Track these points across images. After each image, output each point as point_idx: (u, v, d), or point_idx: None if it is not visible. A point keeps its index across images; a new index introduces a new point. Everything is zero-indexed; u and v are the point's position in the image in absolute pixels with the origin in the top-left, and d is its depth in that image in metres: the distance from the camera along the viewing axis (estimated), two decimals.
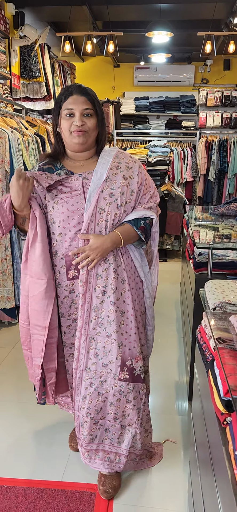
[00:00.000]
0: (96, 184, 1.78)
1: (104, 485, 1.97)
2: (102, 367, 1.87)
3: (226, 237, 3.04)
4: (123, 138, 7.70)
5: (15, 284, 3.74)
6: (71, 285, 1.85)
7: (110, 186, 1.79)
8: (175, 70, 8.08)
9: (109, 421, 1.92)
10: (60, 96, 1.82)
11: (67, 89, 1.81)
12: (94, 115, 1.80)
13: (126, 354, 1.86)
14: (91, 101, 1.79)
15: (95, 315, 1.83)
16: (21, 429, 2.44)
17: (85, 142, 1.81)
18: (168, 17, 5.80)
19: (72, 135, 1.79)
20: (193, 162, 7.22)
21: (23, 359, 3.21)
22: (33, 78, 5.53)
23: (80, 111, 1.76)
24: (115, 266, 1.82)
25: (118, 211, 1.79)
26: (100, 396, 1.89)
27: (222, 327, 1.34)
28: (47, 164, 1.88)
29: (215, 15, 5.69)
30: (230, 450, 1.02)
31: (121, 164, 1.85)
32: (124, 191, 1.80)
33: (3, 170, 3.56)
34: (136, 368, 1.88)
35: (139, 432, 1.96)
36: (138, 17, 6.26)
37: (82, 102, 1.77)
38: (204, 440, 1.41)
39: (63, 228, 1.79)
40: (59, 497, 1.96)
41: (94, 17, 6.10)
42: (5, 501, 1.94)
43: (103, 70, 8.26)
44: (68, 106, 1.77)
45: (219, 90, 7.61)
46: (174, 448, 2.28)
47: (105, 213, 1.77)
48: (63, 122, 1.80)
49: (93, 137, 1.84)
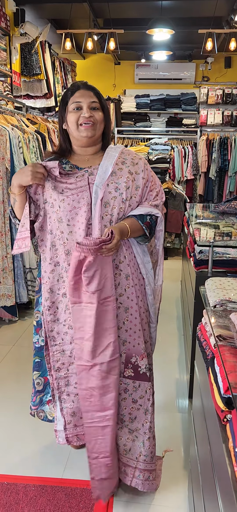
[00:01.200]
0: (102, 178, 1.79)
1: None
2: None
3: (226, 235, 3.04)
4: (124, 136, 7.69)
5: (15, 282, 3.74)
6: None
7: (116, 180, 1.79)
8: (176, 68, 8.06)
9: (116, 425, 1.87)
10: (66, 92, 1.85)
11: (73, 85, 1.86)
12: (100, 109, 1.83)
13: (131, 351, 1.84)
14: (97, 96, 1.83)
15: None
16: (22, 426, 2.44)
17: (93, 135, 1.82)
18: (169, 14, 5.78)
19: (80, 128, 1.80)
20: (194, 160, 7.21)
21: (23, 357, 3.22)
22: (34, 76, 5.53)
23: (87, 104, 1.80)
24: (118, 262, 1.81)
25: (123, 205, 1.78)
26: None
27: (222, 325, 1.34)
28: (52, 161, 1.87)
29: (216, 13, 5.68)
30: (230, 447, 1.02)
31: (126, 160, 1.85)
32: (130, 186, 1.80)
33: (4, 168, 3.55)
34: (141, 366, 1.86)
35: (147, 438, 1.89)
36: (139, 14, 6.25)
37: (89, 96, 1.81)
38: (204, 437, 1.41)
39: (73, 226, 1.78)
40: (59, 494, 1.97)
41: (95, 14, 6.09)
42: (6, 498, 1.94)
43: (104, 67, 8.25)
44: (75, 100, 1.80)
45: (220, 87, 7.59)
46: (174, 445, 2.28)
47: (110, 207, 1.77)
48: (70, 116, 1.81)
49: (100, 131, 1.85)
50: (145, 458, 1.90)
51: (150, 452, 1.91)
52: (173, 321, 3.89)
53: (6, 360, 3.17)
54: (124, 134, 7.74)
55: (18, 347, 3.36)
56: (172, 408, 2.64)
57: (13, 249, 1.87)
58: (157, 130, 7.83)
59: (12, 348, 3.34)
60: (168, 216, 5.79)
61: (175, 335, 3.62)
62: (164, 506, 1.93)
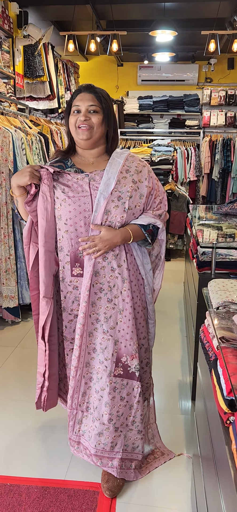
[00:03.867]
0: (106, 185, 1.80)
1: (107, 483, 1.98)
2: (99, 364, 1.90)
3: (229, 236, 3.04)
4: (127, 137, 7.70)
5: (18, 283, 3.75)
6: (75, 281, 1.88)
7: (119, 189, 1.81)
8: (179, 69, 8.07)
9: (103, 424, 1.93)
10: (71, 96, 1.89)
11: (78, 88, 1.88)
12: (100, 111, 1.82)
13: (122, 351, 1.89)
14: (98, 99, 1.83)
15: (93, 310, 1.86)
16: (25, 428, 2.45)
17: (90, 137, 1.82)
18: (172, 16, 5.79)
19: (78, 130, 1.82)
20: (197, 161, 7.21)
21: (26, 358, 3.22)
22: (37, 78, 5.54)
23: (85, 107, 1.81)
24: (115, 265, 1.85)
25: (125, 214, 1.82)
26: (97, 394, 1.92)
27: (225, 327, 1.34)
28: (57, 162, 1.91)
29: (219, 14, 5.68)
30: (233, 449, 1.02)
31: (130, 168, 1.86)
32: (133, 195, 1.83)
33: (7, 169, 3.56)
34: (131, 365, 1.91)
35: (129, 429, 1.98)
36: (142, 16, 6.25)
37: (88, 99, 1.82)
38: (207, 439, 1.40)
39: (69, 226, 1.82)
40: (62, 496, 1.96)
41: (97, 16, 6.10)
42: (8, 499, 1.94)
43: (106, 69, 8.26)
44: (75, 103, 1.83)
45: (223, 89, 7.60)
46: (177, 447, 2.28)
47: (111, 215, 1.80)
48: (70, 119, 1.85)
49: (99, 134, 1.85)
50: (126, 447, 2.00)
51: (132, 443, 2.00)
52: (176, 322, 3.89)
53: (9, 361, 3.18)
54: (127, 136, 7.75)
55: (21, 349, 3.37)
56: (175, 410, 2.63)
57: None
58: (160, 131, 7.84)
59: (15, 350, 3.35)
60: (171, 218, 5.79)
61: (178, 336, 3.62)
62: (167, 508, 1.92)
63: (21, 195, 1.84)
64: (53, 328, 1.96)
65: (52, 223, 1.85)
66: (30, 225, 1.89)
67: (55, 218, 1.85)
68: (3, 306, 3.68)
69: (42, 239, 1.84)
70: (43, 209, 1.82)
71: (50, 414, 2.50)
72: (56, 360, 2.02)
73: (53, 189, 1.83)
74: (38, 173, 1.82)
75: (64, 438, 2.34)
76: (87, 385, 1.95)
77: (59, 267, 1.90)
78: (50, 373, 2.00)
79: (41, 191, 1.82)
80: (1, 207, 3.57)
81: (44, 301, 1.89)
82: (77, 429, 2.02)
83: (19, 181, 1.80)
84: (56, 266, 1.90)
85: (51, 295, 1.90)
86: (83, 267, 1.85)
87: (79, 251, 1.83)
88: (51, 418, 2.51)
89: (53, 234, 1.86)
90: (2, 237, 3.59)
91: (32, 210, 1.84)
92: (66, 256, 1.87)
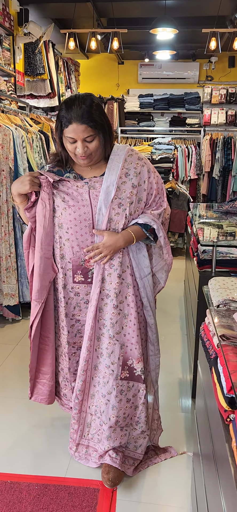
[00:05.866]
0: (106, 193, 1.80)
1: (108, 474, 1.98)
2: (105, 368, 1.92)
3: (230, 234, 3.04)
4: (127, 135, 7.70)
5: (19, 281, 3.75)
6: (77, 288, 1.92)
7: (119, 196, 1.81)
8: (179, 67, 8.05)
9: (111, 427, 1.95)
10: (59, 120, 1.74)
11: (67, 114, 1.70)
12: (97, 137, 1.75)
13: (128, 354, 1.92)
14: (93, 126, 1.71)
15: (100, 316, 1.89)
16: (25, 425, 2.45)
17: (90, 161, 1.82)
18: (173, 13, 5.78)
19: (77, 157, 1.79)
20: (197, 160, 7.20)
21: (27, 356, 3.22)
22: (37, 75, 5.53)
23: (81, 140, 1.72)
24: (120, 272, 1.87)
25: (126, 220, 1.83)
26: (103, 398, 1.94)
27: (225, 324, 1.34)
28: (56, 167, 1.90)
29: (220, 12, 5.66)
30: (233, 447, 1.02)
31: (129, 170, 1.83)
32: (133, 201, 1.83)
33: (8, 167, 3.56)
34: (136, 368, 1.94)
35: (133, 428, 2.01)
36: (143, 13, 6.24)
37: (82, 131, 1.70)
38: (207, 437, 1.41)
39: (70, 235, 1.84)
40: (62, 493, 1.97)
41: (98, 14, 6.09)
42: (9, 497, 1.95)
43: (107, 67, 8.25)
44: (69, 135, 1.72)
45: (223, 87, 7.58)
46: (177, 445, 2.28)
47: (113, 222, 1.82)
48: (68, 145, 1.78)
49: (99, 154, 1.81)
50: (128, 445, 2.06)
51: (134, 441, 2.05)
52: (176, 320, 3.89)
53: (9, 359, 3.18)
54: (128, 134, 7.75)
55: (22, 346, 3.37)
56: (175, 408, 2.64)
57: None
58: (161, 129, 7.83)
59: (16, 347, 3.35)
60: (172, 216, 5.78)
61: (178, 334, 3.62)
62: (167, 505, 1.92)
63: (21, 202, 1.85)
64: (47, 329, 2.02)
65: (50, 230, 1.85)
66: (29, 230, 1.91)
67: (53, 226, 1.86)
68: (4, 304, 3.68)
69: (39, 245, 1.86)
70: (42, 216, 1.83)
71: (50, 411, 2.50)
72: (50, 361, 2.07)
73: (53, 197, 1.84)
74: (38, 180, 1.81)
75: (64, 436, 2.34)
76: (95, 388, 1.97)
77: (61, 274, 1.91)
78: (41, 369, 2.09)
79: (41, 198, 1.82)
80: (2, 205, 3.57)
81: (33, 304, 1.95)
82: (87, 432, 2.05)
83: (20, 189, 1.81)
84: (53, 273, 1.91)
85: (42, 299, 1.92)
86: (84, 274, 1.88)
87: (81, 259, 1.85)
88: (52, 416, 2.51)
89: (50, 241, 1.87)
90: (2, 235, 3.59)
91: (32, 216, 1.86)
92: (68, 264, 1.89)
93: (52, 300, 1.99)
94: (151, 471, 2.11)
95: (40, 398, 2.14)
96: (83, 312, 1.96)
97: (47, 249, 1.87)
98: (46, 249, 1.87)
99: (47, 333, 2.02)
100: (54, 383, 2.14)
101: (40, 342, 2.05)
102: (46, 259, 1.88)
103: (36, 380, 2.12)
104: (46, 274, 1.90)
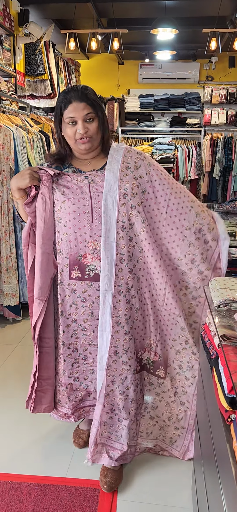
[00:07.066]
0: (110, 184, 1.79)
1: (106, 477, 1.98)
2: (122, 365, 1.91)
3: (230, 234, 3.03)
4: (128, 135, 7.70)
5: (19, 281, 3.75)
6: (73, 285, 1.88)
7: (123, 187, 1.79)
8: (180, 67, 8.06)
9: (131, 420, 1.98)
10: (59, 103, 1.79)
11: (65, 96, 1.76)
12: (96, 117, 1.77)
13: (138, 346, 1.97)
14: (91, 105, 1.75)
15: (113, 313, 1.85)
16: (25, 425, 2.45)
17: (91, 146, 1.81)
18: (173, 14, 5.78)
19: (77, 142, 1.79)
20: (198, 160, 7.20)
21: (27, 356, 3.22)
22: (38, 76, 5.54)
23: (82, 118, 1.74)
24: (131, 266, 1.87)
25: (133, 211, 1.80)
26: (122, 395, 1.94)
27: (226, 325, 1.34)
28: (54, 164, 1.89)
29: (221, 12, 5.67)
30: (234, 447, 1.02)
31: (130, 164, 1.83)
32: (137, 192, 1.81)
33: (8, 168, 3.56)
34: (143, 358, 2.00)
35: (142, 416, 2.08)
36: (143, 14, 6.25)
37: (82, 109, 1.73)
38: (208, 437, 1.41)
39: (69, 229, 1.82)
40: (63, 493, 1.97)
41: (98, 14, 6.10)
42: (9, 497, 1.95)
43: (107, 67, 8.25)
44: (69, 115, 1.74)
45: (224, 87, 7.59)
46: None
47: (120, 214, 1.79)
48: (67, 130, 1.79)
49: (98, 141, 1.83)
50: (141, 434, 2.12)
51: (146, 428, 2.12)
52: None
53: (10, 359, 3.18)
54: (128, 134, 7.75)
55: (22, 346, 3.37)
56: None
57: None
58: (161, 129, 7.83)
59: (16, 347, 3.35)
60: None
61: None
62: (168, 505, 1.92)
63: (21, 197, 1.84)
64: (48, 331, 1.96)
65: (51, 224, 1.84)
66: (29, 226, 1.88)
67: (54, 220, 1.84)
68: (4, 304, 3.68)
69: (40, 241, 1.83)
70: (42, 211, 1.81)
71: None
72: (51, 364, 2.01)
73: (52, 191, 1.83)
74: (38, 174, 1.81)
75: (65, 436, 2.34)
76: (109, 388, 1.94)
77: (58, 270, 1.89)
78: (42, 375, 1.99)
79: (41, 192, 1.81)
80: (2, 205, 3.57)
81: (36, 302, 1.89)
82: (103, 431, 2.00)
83: (19, 183, 1.80)
84: (54, 269, 1.89)
85: (45, 297, 1.89)
86: (81, 270, 1.85)
87: (78, 254, 1.83)
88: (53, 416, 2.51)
89: (51, 236, 1.86)
90: (3, 235, 3.59)
91: (31, 211, 1.84)
92: (64, 259, 1.86)
93: (52, 298, 1.96)
94: (152, 470, 2.11)
95: (44, 407, 2.04)
96: (79, 311, 1.91)
97: (48, 244, 1.85)
98: (47, 244, 1.85)
99: (48, 334, 1.97)
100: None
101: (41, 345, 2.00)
102: (47, 254, 1.86)
103: (38, 389, 2.00)
104: (48, 270, 1.88)
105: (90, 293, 1.87)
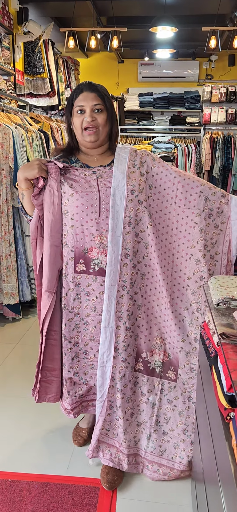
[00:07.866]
0: (118, 180, 1.80)
1: (108, 475, 1.98)
2: (121, 362, 1.90)
3: None
4: (127, 134, 7.70)
5: (19, 280, 3.75)
6: (78, 278, 1.89)
7: (131, 183, 1.81)
8: (179, 66, 8.05)
9: (127, 420, 1.95)
10: (71, 94, 1.87)
11: (78, 87, 1.85)
12: (104, 110, 1.82)
13: (142, 346, 1.92)
14: (101, 97, 1.82)
15: (115, 308, 1.85)
16: (25, 424, 2.45)
17: (97, 139, 1.83)
18: (173, 12, 5.77)
19: (84, 133, 1.82)
20: (197, 159, 7.20)
21: (27, 355, 3.23)
22: (37, 74, 5.53)
23: (90, 107, 1.79)
24: (136, 262, 1.86)
25: (140, 206, 1.81)
26: (120, 393, 1.92)
27: (225, 323, 1.34)
28: (62, 158, 1.91)
29: (220, 10, 5.66)
30: (233, 445, 1.02)
31: (136, 161, 1.86)
32: (144, 187, 1.83)
33: (7, 166, 3.56)
34: (151, 361, 1.94)
35: (153, 430, 1.96)
36: (142, 12, 6.24)
37: (92, 98, 1.80)
38: (207, 435, 1.41)
39: (75, 221, 1.83)
40: (63, 492, 1.97)
41: (98, 13, 6.09)
42: (9, 495, 1.95)
43: (107, 66, 8.25)
44: (79, 103, 1.81)
45: (223, 86, 7.59)
46: None
47: (128, 209, 1.80)
48: (75, 120, 1.83)
49: (105, 133, 1.85)
50: (153, 450, 1.98)
51: (158, 445, 1.97)
52: None
53: (10, 358, 3.18)
54: (128, 133, 7.74)
55: (22, 345, 3.37)
56: None
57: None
58: (161, 128, 7.83)
59: (16, 346, 3.35)
60: None
61: None
62: (168, 503, 1.93)
63: (27, 188, 1.84)
64: (55, 323, 1.96)
65: (59, 217, 1.84)
66: (37, 219, 1.88)
67: (61, 213, 1.85)
68: (4, 303, 3.69)
69: (48, 233, 1.84)
70: (50, 203, 1.82)
71: (50, 410, 2.50)
72: (57, 356, 2.01)
73: (60, 183, 1.83)
74: (46, 166, 1.82)
75: (65, 434, 2.35)
76: (109, 384, 1.93)
77: (63, 263, 1.90)
78: (47, 366, 2.00)
79: (49, 185, 1.82)
80: (2, 204, 3.57)
81: (45, 295, 1.90)
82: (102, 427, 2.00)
83: (27, 173, 1.80)
84: (61, 261, 1.90)
85: (54, 289, 1.90)
86: (87, 263, 1.85)
87: (84, 247, 1.84)
88: (52, 415, 2.51)
89: (59, 229, 1.86)
90: (2, 234, 3.59)
91: (39, 204, 1.84)
92: (70, 252, 1.87)
93: (59, 291, 1.96)
94: None
95: (48, 397, 2.06)
96: (82, 305, 1.91)
97: (56, 237, 1.86)
98: (55, 236, 1.85)
99: (55, 327, 1.97)
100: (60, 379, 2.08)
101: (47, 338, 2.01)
102: (55, 247, 1.86)
103: (42, 379, 2.02)
104: (55, 263, 1.88)
105: (94, 287, 1.88)
